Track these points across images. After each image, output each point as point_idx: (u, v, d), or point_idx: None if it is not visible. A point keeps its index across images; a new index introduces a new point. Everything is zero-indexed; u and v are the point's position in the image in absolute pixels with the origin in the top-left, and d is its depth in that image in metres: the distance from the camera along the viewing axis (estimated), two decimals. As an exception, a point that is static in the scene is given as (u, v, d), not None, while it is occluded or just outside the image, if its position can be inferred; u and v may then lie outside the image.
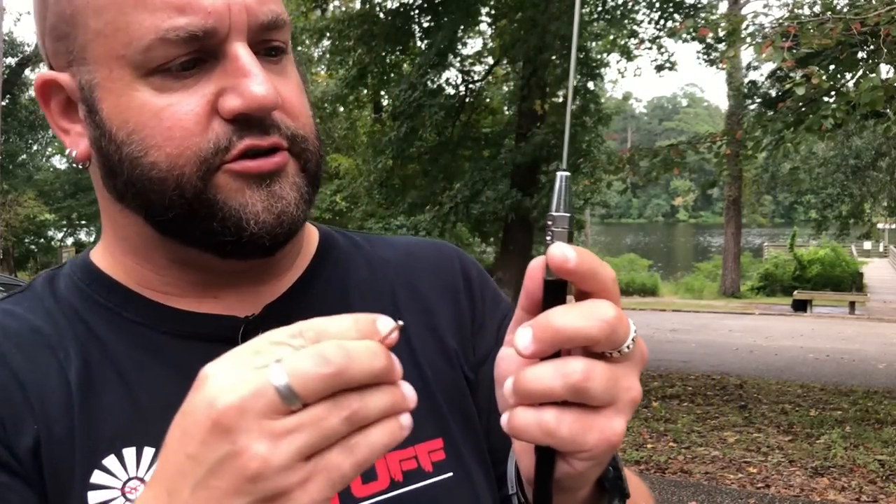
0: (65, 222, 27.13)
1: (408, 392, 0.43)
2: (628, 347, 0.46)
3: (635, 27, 10.20)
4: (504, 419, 0.47)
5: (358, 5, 10.94)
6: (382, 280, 0.75)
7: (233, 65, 0.58)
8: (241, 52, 0.58)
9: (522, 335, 0.44)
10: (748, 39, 7.20)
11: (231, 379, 0.40)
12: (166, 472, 0.42)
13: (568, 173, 0.47)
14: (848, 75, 6.90)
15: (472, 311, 0.77)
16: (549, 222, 0.45)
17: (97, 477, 0.58)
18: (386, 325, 0.42)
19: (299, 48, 18.22)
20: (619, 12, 9.80)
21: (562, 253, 0.44)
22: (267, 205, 0.60)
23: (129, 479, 0.59)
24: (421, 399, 0.68)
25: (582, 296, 0.46)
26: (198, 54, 0.57)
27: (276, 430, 0.39)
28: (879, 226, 23.92)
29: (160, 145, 0.58)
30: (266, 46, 0.61)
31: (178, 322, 0.65)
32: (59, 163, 28.73)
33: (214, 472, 0.39)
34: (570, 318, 0.43)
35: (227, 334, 0.63)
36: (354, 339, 0.41)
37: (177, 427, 0.42)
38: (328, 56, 11.23)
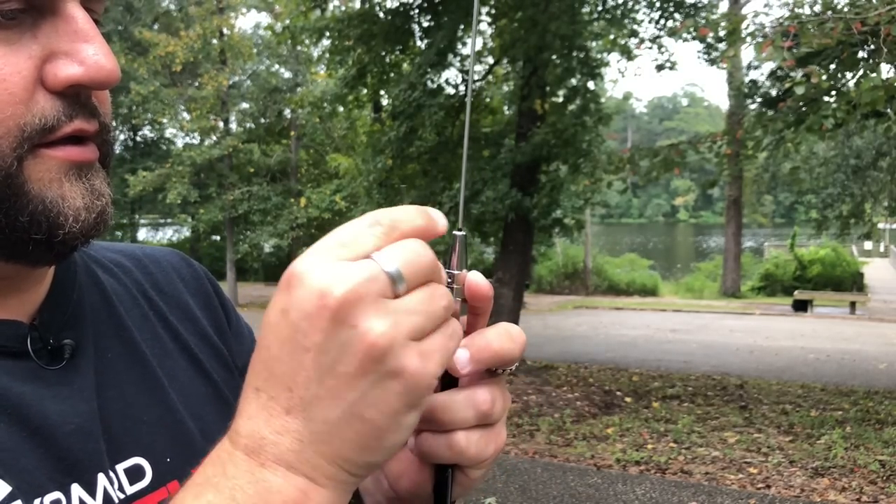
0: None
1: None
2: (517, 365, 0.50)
3: (635, 27, 10.18)
4: (411, 443, 0.50)
5: (357, 5, 10.93)
6: (133, 285, 0.67)
7: (68, 25, 0.49)
8: (78, 13, 0.49)
9: (461, 355, 0.47)
10: (748, 39, 7.20)
11: (336, 270, 0.40)
12: (276, 374, 0.41)
13: (464, 233, 0.50)
14: (849, 75, 6.89)
15: (226, 316, 0.74)
16: (449, 280, 0.47)
17: None
18: (439, 216, 0.46)
19: (299, 48, 18.26)
20: (619, 12, 9.79)
21: (484, 282, 0.49)
22: (87, 202, 0.51)
23: None
24: (220, 409, 0.66)
25: (473, 312, 0.50)
26: (25, 3, 0.47)
27: (392, 309, 0.40)
28: (880, 226, 23.87)
29: None
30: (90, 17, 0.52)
31: None
32: None
33: (339, 358, 0.40)
34: (505, 341, 0.48)
35: (9, 344, 0.53)
36: (421, 226, 0.44)
37: (279, 327, 0.41)
38: (327, 55, 11.19)
